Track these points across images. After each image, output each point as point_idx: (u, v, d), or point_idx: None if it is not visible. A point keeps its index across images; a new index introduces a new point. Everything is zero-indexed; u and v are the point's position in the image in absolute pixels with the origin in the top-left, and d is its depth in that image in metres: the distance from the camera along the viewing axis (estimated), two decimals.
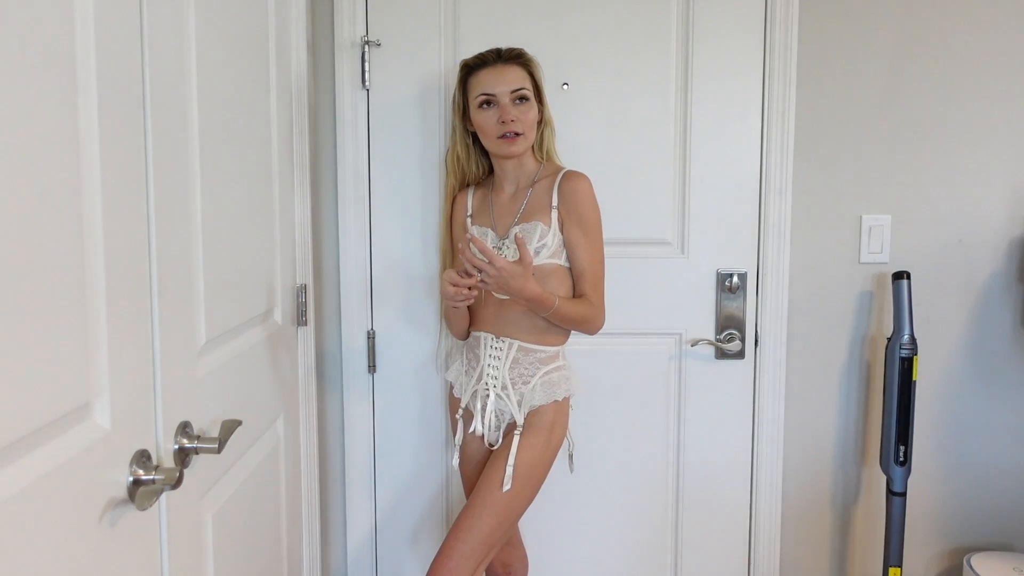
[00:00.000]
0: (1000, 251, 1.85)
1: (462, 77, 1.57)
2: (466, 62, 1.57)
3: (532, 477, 1.49)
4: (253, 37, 1.33)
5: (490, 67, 1.52)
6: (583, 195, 1.53)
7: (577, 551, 1.93)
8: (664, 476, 1.91)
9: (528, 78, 1.54)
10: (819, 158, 1.83)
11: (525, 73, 1.54)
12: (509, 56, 1.53)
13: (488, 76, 1.51)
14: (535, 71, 1.57)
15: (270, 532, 1.43)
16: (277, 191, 1.46)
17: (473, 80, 1.54)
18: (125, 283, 0.85)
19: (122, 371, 0.84)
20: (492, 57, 1.53)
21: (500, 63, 1.52)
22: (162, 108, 0.95)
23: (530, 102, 1.53)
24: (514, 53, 1.54)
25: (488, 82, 1.51)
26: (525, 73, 1.54)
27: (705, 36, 1.79)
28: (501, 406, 1.54)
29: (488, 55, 1.54)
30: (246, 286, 1.29)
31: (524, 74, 1.54)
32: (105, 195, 0.80)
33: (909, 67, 1.81)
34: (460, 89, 1.58)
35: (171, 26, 0.98)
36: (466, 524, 1.43)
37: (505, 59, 1.53)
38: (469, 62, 1.56)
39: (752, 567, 1.92)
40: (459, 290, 1.42)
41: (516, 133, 1.50)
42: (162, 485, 0.86)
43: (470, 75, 1.55)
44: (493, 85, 1.51)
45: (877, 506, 1.92)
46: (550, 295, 1.46)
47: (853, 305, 1.87)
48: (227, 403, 1.18)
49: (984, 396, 1.89)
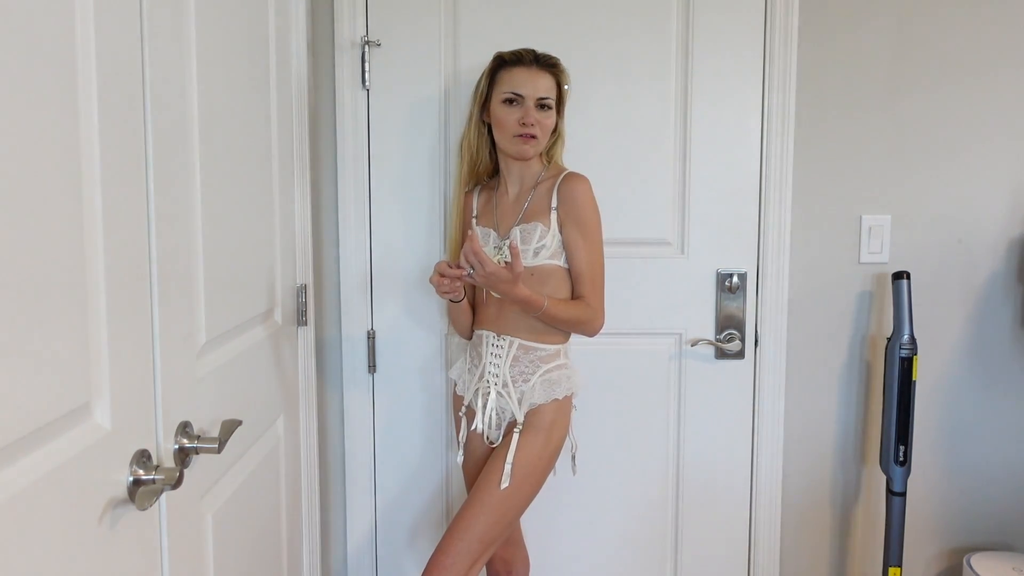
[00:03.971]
0: (1000, 251, 1.85)
1: (493, 68, 1.57)
2: (501, 55, 1.57)
3: (531, 476, 1.49)
4: (253, 37, 1.33)
5: (525, 67, 1.53)
6: (582, 197, 1.53)
7: (577, 550, 1.93)
8: (664, 476, 1.91)
9: (555, 88, 1.56)
10: (819, 158, 1.83)
11: (554, 82, 1.55)
12: (545, 62, 1.55)
13: (521, 75, 1.52)
14: (563, 82, 1.58)
15: (270, 532, 1.43)
16: (277, 191, 1.46)
17: (504, 74, 1.54)
18: (125, 283, 0.85)
19: (122, 371, 0.84)
20: (529, 58, 1.54)
21: (536, 66, 1.53)
22: (162, 108, 0.95)
23: (552, 111, 1.55)
24: (551, 61, 1.56)
25: (519, 81, 1.52)
26: (554, 82, 1.55)
27: (705, 36, 1.79)
28: (502, 404, 1.54)
29: (526, 55, 1.54)
30: (246, 286, 1.29)
31: (553, 83, 1.55)
32: (105, 195, 0.80)
33: (909, 67, 1.81)
34: (488, 79, 1.58)
35: (171, 26, 0.98)
36: (464, 522, 1.44)
37: (541, 64, 1.54)
38: (505, 56, 1.56)
39: (752, 567, 1.92)
40: (442, 280, 1.44)
41: (532, 135, 1.52)
42: (162, 485, 0.86)
43: (501, 68, 1.55)
44: (523, 86, 1.52)
45: (877, 506, 1.92)
46: (539, 297, 1.46)
47: (853, 305, 1.88)
48: (227, 403, 1.18)
49: (984, 396, 1.89)
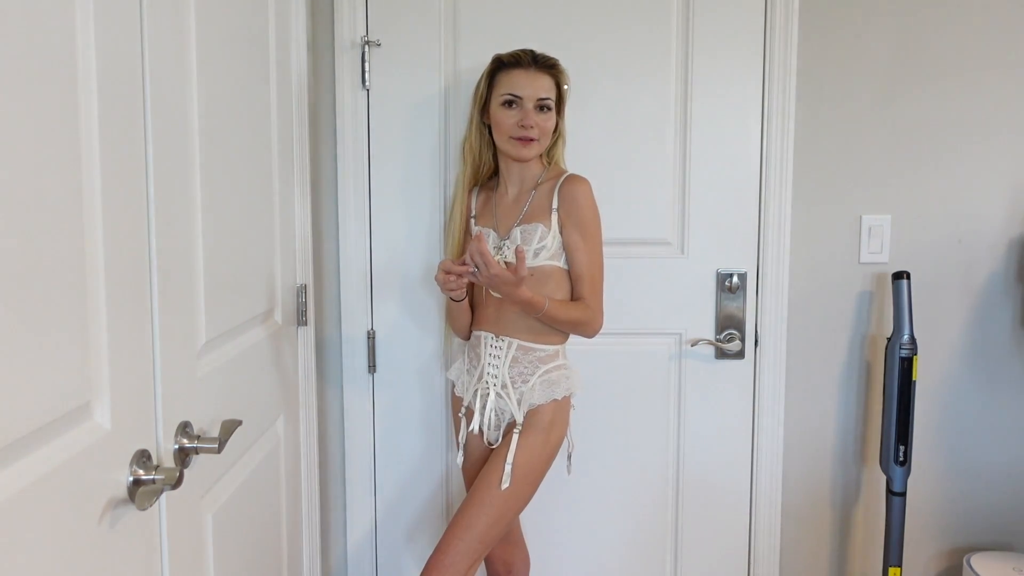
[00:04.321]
0: (1000, 251, 1.85)
1: (491, 70, 1.57)
2: (500, 57, 1.56)
3: (530, 476, 1.49)
4: (253, 37, 1.33)
5: (523, 69, 1.52)
6: (582, 198, 1.53)
7: (578, 550, 1.93)
8: (664, 476, 1.91)
9: (555, 88, 1.55)
10: (819, 158, 1.83)
11: (554, 83, 1.54)
12: (544, 63, 1.53)
13: (519, 77, 1.51)
14: (563, 82, 1.57)
15: (270, 532, 1.43)
16: (277, 191, 1.46)
17: (503, 76, 1.54)
18: (125, 283, 0.85)
19: (122, 371, 0.84)
20: (527, 59, 1.52)
21: (534, 68, 1.52)
22: (162, 108, 0.95)
23: (551, 112, 1.54)
24: (550, 62, 1.54)
25: (518, 83, 1.51)
26: (554, 83, 1.54)
27: (705, 36, 1.78)
28: (501, 405, 1.54)
29: (524, 56, 1.53)
30: (246, 286, 1.29)
31: (552, 84, 1.54)
32: (105, 195, 0.80)
33: (908, 67, 1.81)
34: (487, 81, 1.57)
35: (171, 26, 0.98)
36: (463, 521, 1.44)
37: (540, 65, 1.53)
38: (503, 58, 1.55)
39: (752, 566, 1.92)
40: (448, 277, 1.44)
41: (531, 138, 1.51)
42: (162, 485, 0.86)
43: (500, 70, 1.55)
44: (522, 88, 1.51)
45: (877, 506, 1.92)
46: (540, 298, 1.46)
47: (853, 305, 1.88)
48: (227, 403, 1.18)
49: (984, 396, 1.89)
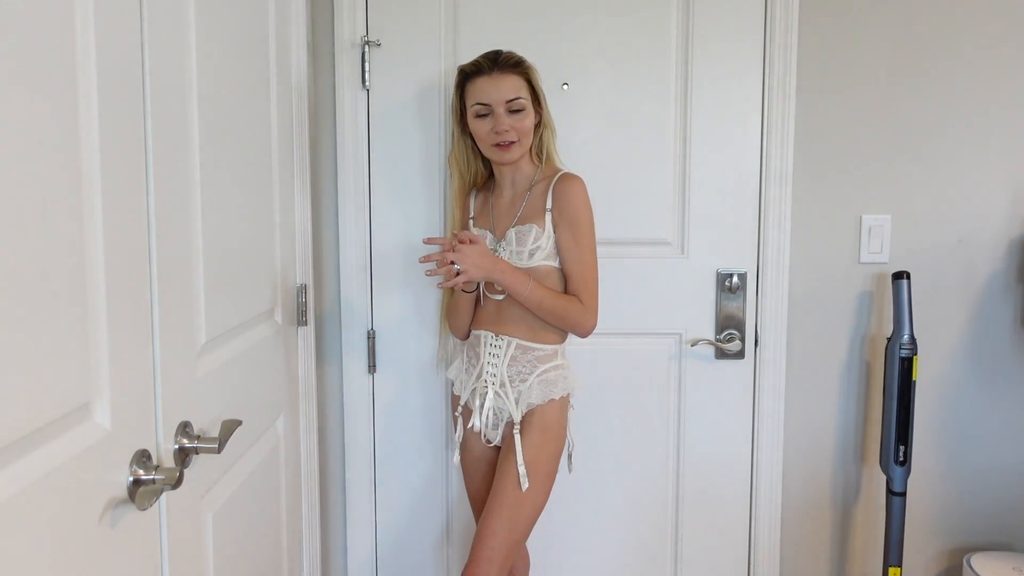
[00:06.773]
0: (1000, 251, 1.85)
1: (459, 82, 1.56)
2: (463, 68, 1.55)
3: (542, 474, 1.50)
4: (253, 37, 1.33)
5: (486, 75, 1.50)
6: (575, 198, 1.52)
7: (578, 550, 1.93)
8: (664, 476, 1.91)
9: (525, 85, 1.52)
10: (819, 158, 1.83)
11: (522, 81, 1.51)
12: (506, 64, 1.50)
13: (484, 85, 1.49)
14: (532, 77, 1.54)
15: (270, 532, 1.43)
16: (277, 191, 1.46)
17: (470, 87, 1.52)
18: (125, 283, 0.85)
19: (122, 371, 0.84)
20: (488, 65, 1.50)
21: (496, 71, 1.49)
22: (162, 108, 0.95)
23: (525, 111, 1.51)
24: (512, 61, 1.51)
25: (483, 91, 1.49)
26: (522, 81, 1.51)
27: (705, 36, 1.78)
28: (499, 404, 1.54)
29: (484, 63, 1.51)
30: (246, 286, 1.29)
31: (520, 82, 1.51)
32: (105, 195, 0.80)
33: (909, 67, 1.81)
34: (457, 94, 1.57)
35: (171, 26, 0.98)
36: (493, 527, 1.44)
37: (501, 67, 1.49)
38: (466, 68, 1.54)
39: (752, 567, 1.92)
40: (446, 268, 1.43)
41: (510, 142, 1.50)
42: (162, 485, 0.86)
43: (467, 81, 1.53)
44: (488, 95, 1.49)
45: (877, 506, 1.92)
46: (525, 274, 1.47)
47: (853, 305, 1.87)
48: (227, 403, 1.18)
49: (984, 396, 1.89)
